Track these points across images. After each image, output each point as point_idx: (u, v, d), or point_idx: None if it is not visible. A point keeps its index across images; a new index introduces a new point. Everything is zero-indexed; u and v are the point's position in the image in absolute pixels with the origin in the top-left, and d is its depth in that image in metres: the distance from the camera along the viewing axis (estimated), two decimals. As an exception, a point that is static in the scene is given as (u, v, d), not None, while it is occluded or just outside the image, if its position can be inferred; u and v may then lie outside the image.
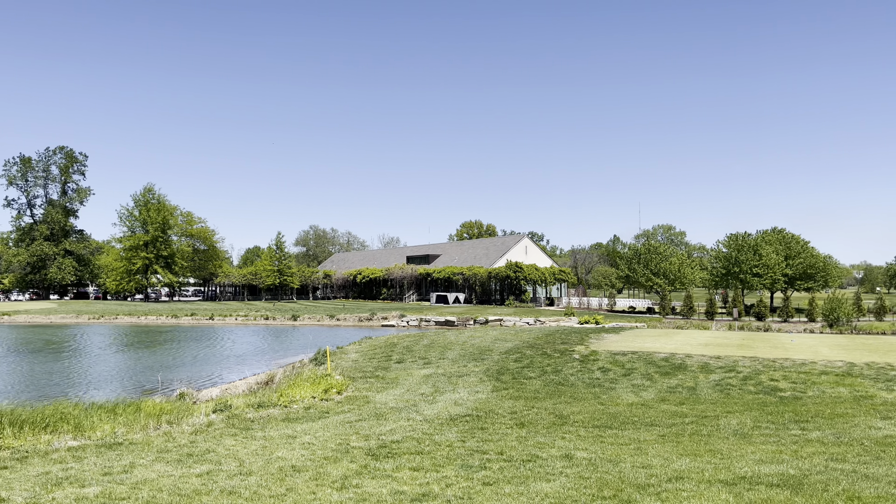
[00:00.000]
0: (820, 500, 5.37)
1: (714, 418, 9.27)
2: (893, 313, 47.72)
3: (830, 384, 11.39)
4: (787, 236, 62.11)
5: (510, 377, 12.98)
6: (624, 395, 11.29)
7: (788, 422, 8.95)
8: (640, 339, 18.05)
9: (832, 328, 38.23)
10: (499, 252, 69.54)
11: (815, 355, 14.51)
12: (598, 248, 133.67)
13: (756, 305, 48.55)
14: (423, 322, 44.49)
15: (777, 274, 57.92)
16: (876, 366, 12.86)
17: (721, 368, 12.88)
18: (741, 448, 7.46)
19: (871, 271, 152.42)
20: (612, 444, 7.75)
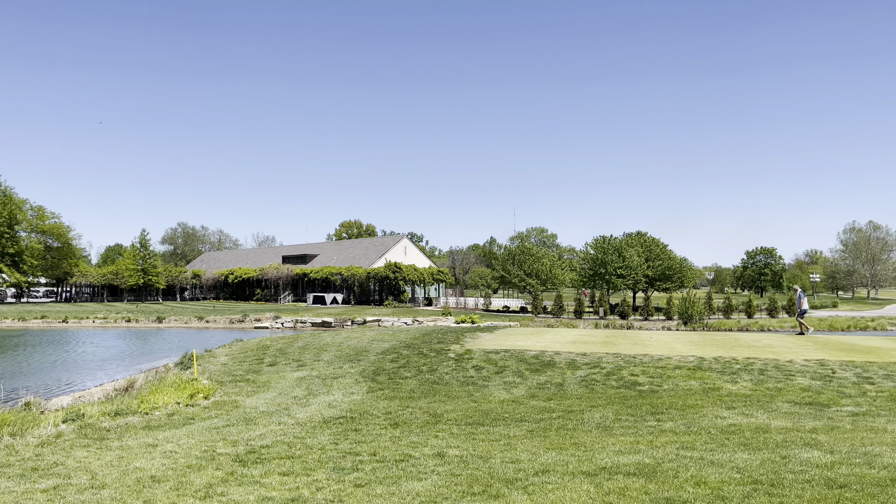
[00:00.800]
0: (671, 485, 5.72)
1: (579, 413, 9.70)
2: (739, 311, 52.12)
3: (683, 378, 12.24)
4: (648, 240, 66.30)
5: (386, 377, 12.96)
6: (496, 392, 11.57)
7: (646, 414, 9.52)
8: (513, 338, 18.60)
9: (686, 325, 41.23)
10: (378, 252, 69.35)
11: (670, 351, 15.55)
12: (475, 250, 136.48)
13: (620, 305, 51.47)
14: (299, 323, 43.53)
15: (639, 275, 61.64)
16: (723, 360, 13.96)
17: (587, 365, 13.50)
18: (603, 440, 7.85)
19: (720, 273, 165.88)
20: (483, 441, 7.91)
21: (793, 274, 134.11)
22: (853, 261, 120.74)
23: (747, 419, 9.03)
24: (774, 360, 14.09)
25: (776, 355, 14.94)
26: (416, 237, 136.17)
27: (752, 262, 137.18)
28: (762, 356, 14.71)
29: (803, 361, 13.84)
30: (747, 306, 51.39)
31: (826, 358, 14.47)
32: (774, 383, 11.71)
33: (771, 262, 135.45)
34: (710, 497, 5.38)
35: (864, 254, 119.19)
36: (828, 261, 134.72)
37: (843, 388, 11.30)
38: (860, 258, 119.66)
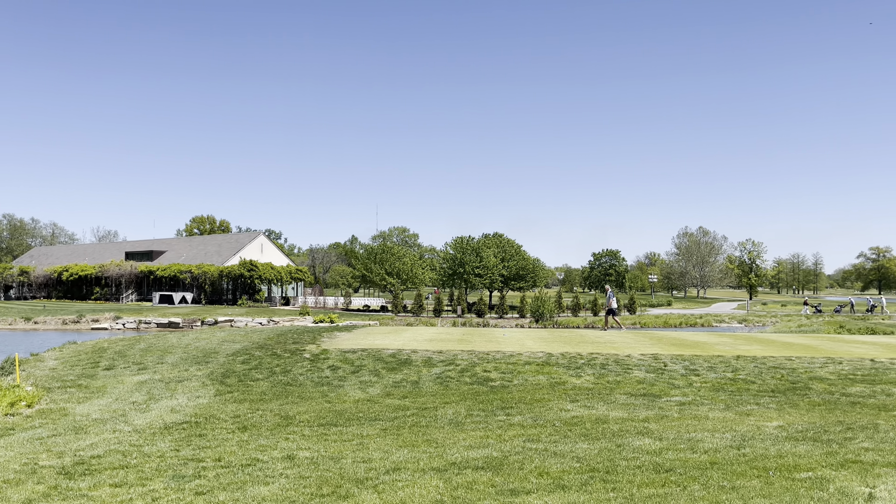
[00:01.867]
0: (516, 477, 5.92)
1: (433, 410, 9.82)
2: (586, 310, 55.32)
3: (532, 373, 12.76)
4: (504, 241, 68.61)
5: (236, 380, 12.44)
6: (352, 392, 11.46)
7: (496, 409, 9.82)
8: (372, 337, 18.53)
9: (538, 323, 43.15)
10: (232, 249, 66.54)
11: (521, 347, 16.16)
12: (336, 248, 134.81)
13: (477, 303, 52.92)
14: (143, 324, 40.85)
15: (495, 274, 63.63)
16: (569, 355, 14.71)
17: (442, 362, 13.71)
18: (455, 436, 7.99)
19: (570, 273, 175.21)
20: (335, 442, 7.79)
21: (634, 275, 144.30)
22: (685, 263, 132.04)
23: (589, 411, 9.57)
24: (615, 354, 15.04)
25: (617, 350, 15.96)
26: (275, 234, 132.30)
27: (598, 263, 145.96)
28: (604, 351, 15.66)
29: (640, 356, 14.88)
30: (593, 305, 54.63)
31: (659, 352, 15.66)
32: (614, 377, 12.49)
33: (615, 263, 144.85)
34: (551, 486, 5.62)
35: (695, 257, 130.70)
36: (664, 263, 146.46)
37: (673, 379, 12.27)
38: (691, 261, 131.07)
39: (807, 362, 14.17)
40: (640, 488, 5.50)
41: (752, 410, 9.64)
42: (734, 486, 5.50)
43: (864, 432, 7.89)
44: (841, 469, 6.03)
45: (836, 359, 14.74)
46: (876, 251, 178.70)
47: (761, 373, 12.91)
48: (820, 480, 5.64)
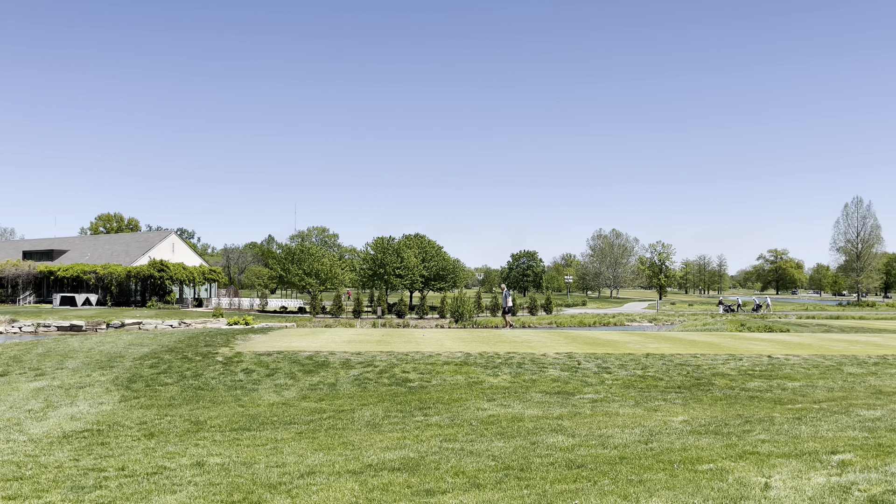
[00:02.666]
0: (432, 477, 5.93)
1: (350, 412, 9.72)
2: (504, 310, 56.12)
3: (451, 373, 12.83)
4: (425, 241, 68.75)
5: (143, 385, 11.91)
6: (266, 395, 11.19)
7: (414, 409, 9.81)
8: (288, 339, 18.17)
9: (458, 323, 43.46)
10: (141, 249, 63.81)
11: (440, 348, 16.23)
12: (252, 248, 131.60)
13: (398, 304, 52.80)
14: (42, 327, 38.57)
15: (416, 275, 63.65)
16: (486, 355, 14.89)
17: (361, 364, 13.60)
18: (371, 438, 7.93)
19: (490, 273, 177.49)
20: (248, 447, 7.58)
21: (551, 275, 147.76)
22: (600, 264, 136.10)
23: (505, 410, 9.70)
24: (531, 353, 15.33)
25: (533, 349, 16.28)
26: (187, 233, 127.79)
27: (517, 264, 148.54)
28: (521, 350, 15.94)
29: (555, 354, 15.23)
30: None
31: (574, 351, 16.08)
32: (530, 375, 12.73)
33: (533, 264, 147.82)
34: (466, 485, 5.66)
35: (609, 258, 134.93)
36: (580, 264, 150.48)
37: (586, 377, 12.62)
38: (605, 262, 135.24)
39: (710, 359, 14.88)
40: (552, 485, 5.62)
41: (660, 406, 10.03)
42: (641, 480, 5.70)
43: (761, 425, 8.34)
44: (739, 460, 6.35)
45: (736, 355, 15.54)
46: (774, 253, 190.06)
47: (669, 370, 13.46)
48: (720, 472, 5.91)
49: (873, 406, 9.87)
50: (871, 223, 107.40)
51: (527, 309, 57.88)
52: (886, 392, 11.39)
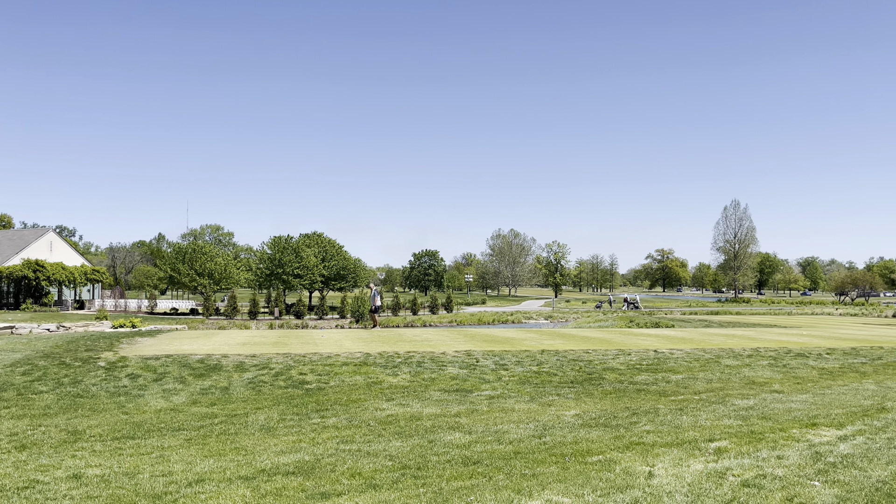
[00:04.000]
0: (328, 480, 5.83)
1: (244, 416, 9.41)
2: (406, 309, 56.17)
3: (350, 373, 12.68)
4: (325, 240, 67.71)
5: (14, 393, 11.05)
6: (153, 401, 10.65)
7: (311, 412, 9.62)
8: (178, 342, 17.38)
9: (359, 323, 43.06)
10: (15, 248, 59.27)
11: (339, 348, 16.02)
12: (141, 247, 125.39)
13: (296, 304, 51.68)
14: None
15: (315, 275, 62.58)
16: (386, 355, 14.83)
17: (255, 366, 13.20)
18: (266, 442, 7.70)
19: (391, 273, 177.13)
20: (132, 456, 7.18)
21: (452, 274, 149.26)
22: (499, 263, 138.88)
23: (404, 409, 9.69)
24: (431, 352, 15.41)
25: (433, 348, 16.37)
26: (67, 231, 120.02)
27: (418, 263, 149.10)
28: (421, 349, 15.99)
29: (454, 353, 15.38)
30: (412, 304, 55.66)
31: (473, 349, 16.30)
32: (429, 374, 12.78)
33: (434, 263, 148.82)
34: (363, 486, 5.60)
35: (507, 257, 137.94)
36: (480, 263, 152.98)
37: (484, 374, 12.82)
38: (504, 261, 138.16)
39: (601, 354, 15.48)
40: (448, 482, 5.65)
41: (554, 401, 10.32)
42: (535, 474, 5.83)
43: (647, 416, 8.76)
44: (626, 451, 6.63)
45: (626, 350, 16.25)
46: (661, 253, 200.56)
47: (563, 365, 13.89)
48: (608, 462, 6.15)
49: (747, 395, 10.58)
50: (748, 225, 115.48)
51: (428, 308, 58.19)
52: (759, 382, 12.24)
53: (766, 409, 9.29)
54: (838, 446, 6.78)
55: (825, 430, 7.60)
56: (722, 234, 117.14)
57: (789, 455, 6.41)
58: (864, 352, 17.08)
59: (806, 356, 15.92)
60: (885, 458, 6.30)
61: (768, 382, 12.20)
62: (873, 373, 13.56)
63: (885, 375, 13.14)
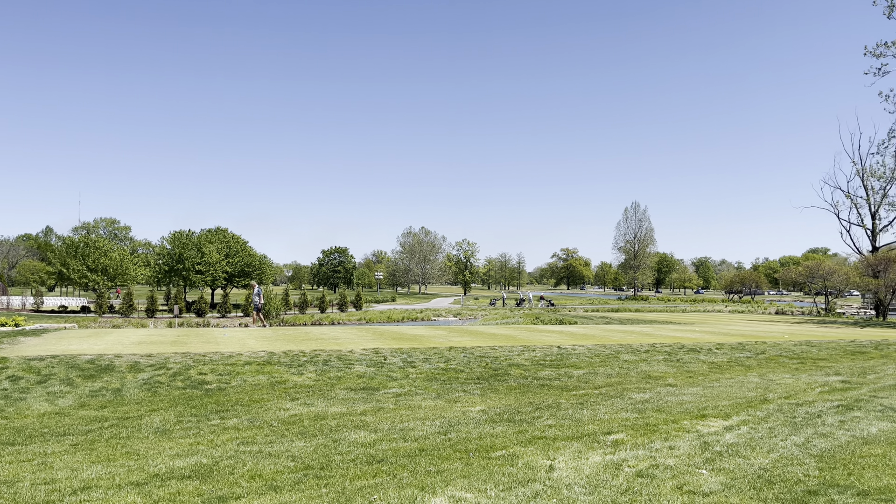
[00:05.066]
0: (226, 483, 5.63)
1: (137, 418, 8.96)
2: (314, 307, 55.26)
3: (252, 373, 12.32)
4: (229, 236, 65.59)
5: None
6: (36, 405, 9.96)
7: (211, 413, 9.28)
8: (67, 341, 16.37)
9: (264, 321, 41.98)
10: None
11: (242, 347, 15.55)
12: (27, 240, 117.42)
13: (197, 302, 49.79)
14: None
15: (218, 271, 60.52)
16: (292, 353, 14.51)
17: (151, 366, 12.61)
18: (160, 445, 7.35)
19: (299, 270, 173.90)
20: (11, 463, 6.68)
21: (362, 272, 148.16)
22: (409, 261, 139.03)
23: (308, 408, 9.50)
24: (338, 350, 15.21)
25: (340, 346, 16.16)
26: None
27: (327, 260, 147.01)
28: (328, 348, 15.75)
29: (362, 351, 15.24)
30: (321, 302, 54.82)
31: (381, 347, 16.21)
32: (336, 372, 12.60)
33: (344, 260, 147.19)
34: (263, 488, 5.44)
35: (418, 255, 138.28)
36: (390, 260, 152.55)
37: (392, 372, 12.77)
38: (415, 259, 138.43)
39: (507, 351, 15.76)
40: (352, 481, 5.58)
41: (460, 397, 10.41)
42: (439, 470, 5.85)
43: (549, 411, 8.97)
44: (529, 445, 6.76)
45: (530, 347, 16.62)
46: (566, 252, 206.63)
47: (469, 362, 14.03)
48: (511, 457, 6.25)
49: (643, 389, 11.04)
50: (647, 226, 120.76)
51: (336, 305, 57.50)
52: (654, 376, 12.80)
53: (661, 402, 9.73)
54: (725, 436, 7.18)
55: (713, 421, 8.03)
56: (623, 235, 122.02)
57: (680, 445, 6.73)
58: (749, 347, 18.20)
59: (697, 351, 16.79)
60: (767, 447, 6.72)
61: (663, 377, 12.77)
62: (757, 366, 14.46)
63: (768, 369, 14.05)
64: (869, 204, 48.85)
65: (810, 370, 13.74)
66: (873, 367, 14.35)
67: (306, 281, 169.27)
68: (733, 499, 5.07)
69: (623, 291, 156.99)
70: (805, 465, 6.05)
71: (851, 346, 19.31)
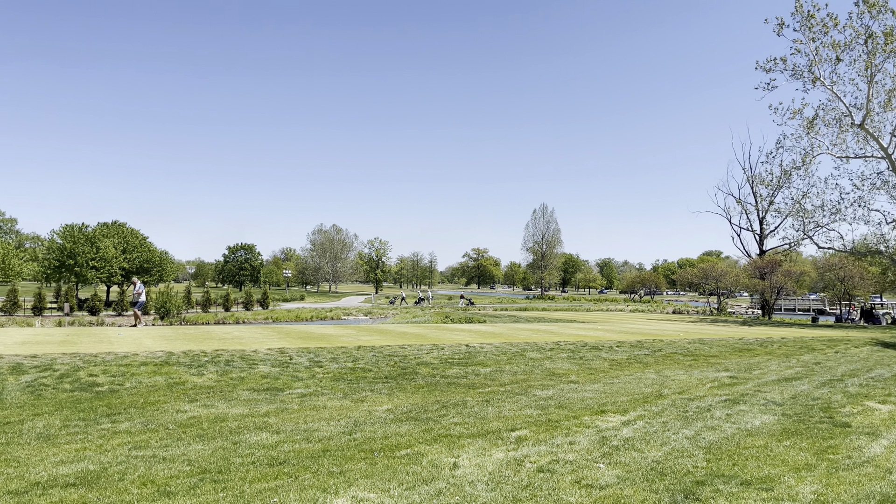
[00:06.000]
0: (115, 490, 5.34)
1: (18, 423, 8.35)
2: (217, 305, 53.48)
3: (149, 374, 11.77)
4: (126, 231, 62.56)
5: None
6: None
7: (101, 416, 8.78)
8: (-60, 341, 15.11)
9: (164, 320, 40.22)
10: None
11: (139, 347, 14.85)
12: None
13: (91, 299, 47.16)
14: None
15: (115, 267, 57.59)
16: (192, 353, 13.97)
17: (36, 368, 11.81)
18: (43, 452, 6.88)
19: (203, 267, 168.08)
20: None
21: (270, 269, 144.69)
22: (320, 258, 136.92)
23: (208, 410, 9.16)
24: (241, 350, 14.77)
25: (244, 346, 15.70)
26: None
27: (233, 257, 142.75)
28: (231, 347, 15.27)
29: (266, 350, 14.86)
30: (225, 300, 53.14)
31: (287, 346, 15.86)
32: (238, 373, 12.22)
33: (251, 257, 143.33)
34: (155, 495, 5.19)
35: (329, 253, 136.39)
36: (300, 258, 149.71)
37: (297, 372, 12.51)
38: (325, 257, 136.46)
39: (416, 349, 15.78)
40: (251, 484, 5.41)
41: (367, 397, 10.32)
42: (342, 471, 5.77)
43: (456, 409, 9.04)
44: (434, 444, 6.78)
45: (439, 345, 16.71)
46: (477, 252, 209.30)
47: (378, 361, 13.95)
48: (416, 455, 6.25)
49: (547, 386, 11.31)
50: (554, 227, 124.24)
51: (242, 304, 55.90)
52: (558, 373, 13.14)
53: (563, 398, 9.99)
54: (622, 431, 7.45)
55: (612, 417, 8.32)
56: (531, 236, 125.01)
57: (580, 441, 6.92)
58: (647, 344, 19.01)
59: (599, 349, 17.38)
60: (660, 440, 7.02)
61: (566, 374, 13.13)
62: (654, 363, 15.11)
63: (664, 365, 14.71)
64: (757, 210, 52.18)
65: (702, 367, 14.49)
66: (758, 363, 15.31)
67: (210, 279, 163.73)
68: (627, 491, 5.26)
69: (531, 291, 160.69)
70: (694, 456, 6.36)
71: (739, 343, 20.54)
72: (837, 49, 39.42)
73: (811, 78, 40.98)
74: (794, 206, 48.44)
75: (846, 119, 41.64)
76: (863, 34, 38.44)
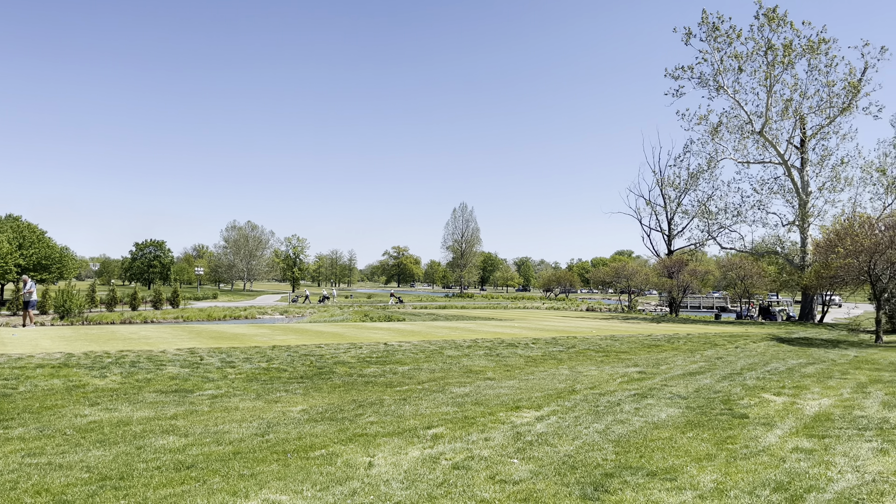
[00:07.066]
0: (7, 499, 5.01)
1: None
2: (124, 304, 51.10)
3: (46, 377, 11.10)
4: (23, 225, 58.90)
5: None
6: None
7: (-9, 423, 8.20)
8: None
9: (64, 319, 38.09)
10: None
11: (35, 348, 14.00)
12: None
13: (-17, 298, 44.10)
14: None
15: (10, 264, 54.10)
16: (94, 354, 13.28)
17: (-83, 372, 10.93)
18: (-77, 463, 6.36)
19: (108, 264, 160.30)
20: None
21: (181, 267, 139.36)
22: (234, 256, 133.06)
23: (110, 414, 8.72)
24: (149, 351, 14.16)
25: (151, 346, 15.06)
26: None
27: (141, 254, 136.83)
28: (137, 348, 14.61)
29: (175, 351, 14.31)
30: (132, 298, 50.88)
31: (197, 346, 15.32)
32: (145, 374, 11.70)
33: (161, 254, 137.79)
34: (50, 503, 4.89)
35: (244, 250, 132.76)
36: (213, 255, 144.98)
37: (209, 373, 12.10)
38: (240, 254, 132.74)
39: (333, 348, 15.57)
40: (156, 490, 5.18)
41: (281, 397, 10.09)
42: (254, 473, 5.61)
43: (372, 408, 8.97)
44: (349, 443, 6.69)
45: (357, 344, 16.56)
46: (397, 250, 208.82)
47: (293, 361, 13.67)
48: (331, 456, 6.15)
49: (464, 383, 11.39)
50: (473, 226, 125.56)
51: (150, 303, 53.64)
52: (475, 371, 13.26)
53: (480, 395, 10.09)
54: (536, 426, 7.59)
55: (526, 412, 8.47)
56: (451, 234, 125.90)
57: (495, 437, 7.01)
58: (561, 341, 19.49)
59: (516, 346, 17.68)
60: (572, 435, 7.20)
61: (483, 371, 13.27)
62: (568, 359, 15.50)
63: (577, 361, 15.11)
64: (666, 211, 54.40)
65: (613, 362, 14.98)
66: (665, 358, 15.96)
67: (117, 276, 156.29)
68: (540, 485, 5.36)
69: (451, 289, 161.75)
70: (604, 450, 6.56)
71: (648, 340, 21.36)
72: (740, 59, 41.69)
73: (716, 86, 43.17)
74: (699, 208, 50.86)
75: (747, 126, 44.11)
76: (763, 46, 40.82)
